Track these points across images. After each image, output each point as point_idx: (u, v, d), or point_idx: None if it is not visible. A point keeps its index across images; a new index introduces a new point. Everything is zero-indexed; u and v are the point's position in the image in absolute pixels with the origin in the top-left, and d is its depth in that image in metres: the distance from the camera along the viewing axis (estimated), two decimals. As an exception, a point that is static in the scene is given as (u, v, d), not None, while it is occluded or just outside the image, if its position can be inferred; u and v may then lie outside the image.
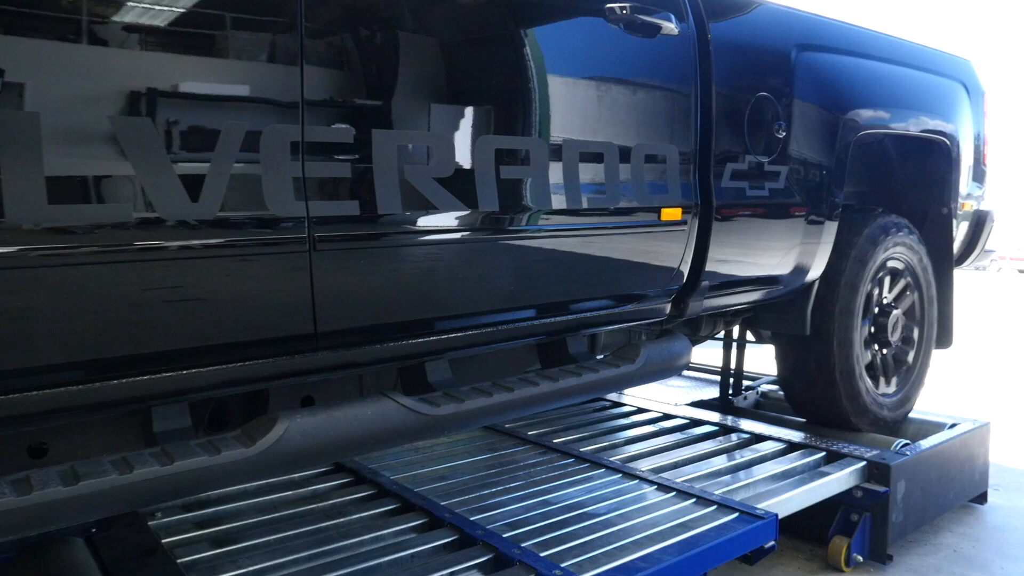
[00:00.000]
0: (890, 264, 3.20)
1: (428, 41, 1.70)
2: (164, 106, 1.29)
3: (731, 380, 3.82)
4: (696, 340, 3.65)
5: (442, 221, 1.67)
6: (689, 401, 3.77)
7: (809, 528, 2.87)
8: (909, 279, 3.30)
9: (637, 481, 2.59)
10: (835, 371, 2.96)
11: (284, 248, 1.43)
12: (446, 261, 1.72)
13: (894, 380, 3.30)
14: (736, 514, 2.30)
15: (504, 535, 2.12)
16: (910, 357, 3.37)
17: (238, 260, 1.40)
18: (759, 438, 3.13)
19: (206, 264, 1.35)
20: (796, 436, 3.08)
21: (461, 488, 2.52)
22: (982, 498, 3.43)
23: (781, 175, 2.55)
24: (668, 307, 2.37)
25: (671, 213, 2.15)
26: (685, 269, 2.30)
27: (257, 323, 1.45)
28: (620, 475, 2.65)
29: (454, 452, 2.93)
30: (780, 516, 2.50)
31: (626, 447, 3.04)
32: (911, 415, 3.50)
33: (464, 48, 1.78)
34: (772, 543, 2.27)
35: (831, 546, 2.79)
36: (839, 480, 2.73)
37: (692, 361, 4.59)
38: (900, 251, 3.20)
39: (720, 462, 2.85)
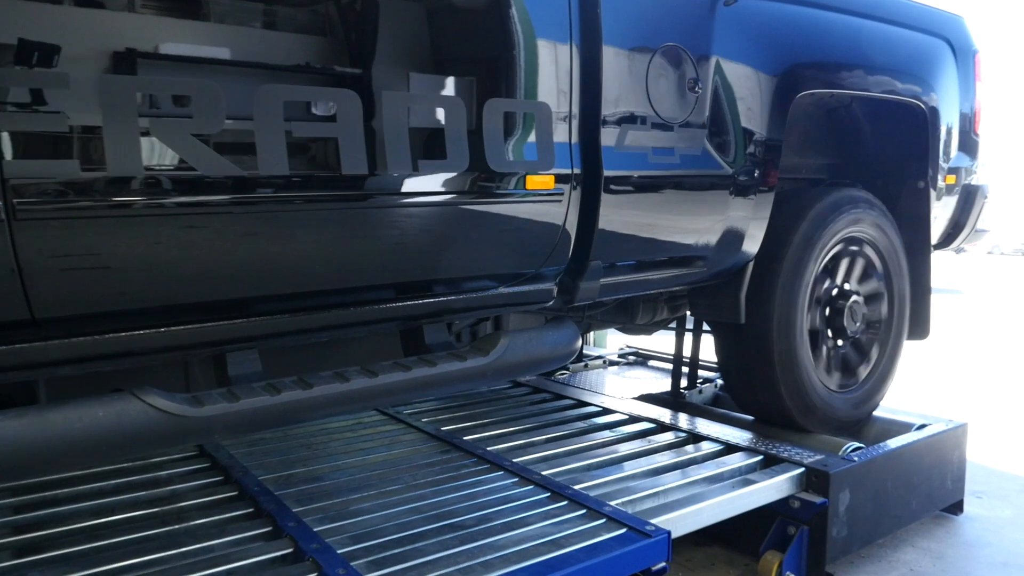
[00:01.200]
0: (848, 244, 2.83)
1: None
2: None
3: (691, 372, 3.50)
4: (641, 329, 3.33)
5: (204, 186, 1.39)
6: (639, 394, 3.46)
7: (748, 539, 2.55)
8: (873, 261, 2.93)
9: (532, 487, 2.30)
10: (775, 365, 2.62)
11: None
12: (210, 235, 1.45)
13: (855, 375, 2.94)
14: (623, 529, 2.00)
15: (342, 550, 1.86)
16: (874, 349, 2.99)
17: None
18: (697, 438, 2.81)
19: None
20: (738, 437, 2.75)
21: (330, 491, 2.27)
22: (957, 508, 3.05)
23: (697, 140, 2.21)
24: (554, 290, 2.06)
25: (539, 181, 1.84)
26: (567, 247, 1.99)
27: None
28: (516, 479, 2.37)
29: (349, 449, 2.67)
30: (688, 531, 2.20)
31: (545, 446, 2.75)
32: (877, 414, 3.13)
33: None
34: (662, 564, 1.97)
35: (762, 562, 2.47)
36: (768, 489, 2.41)
37: (658, 351, 4.33)
38: (861, 229, 2.82)
39: (641, 465, 2.55)
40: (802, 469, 2.49)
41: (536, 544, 1.91)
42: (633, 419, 3.06)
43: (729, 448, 2.70)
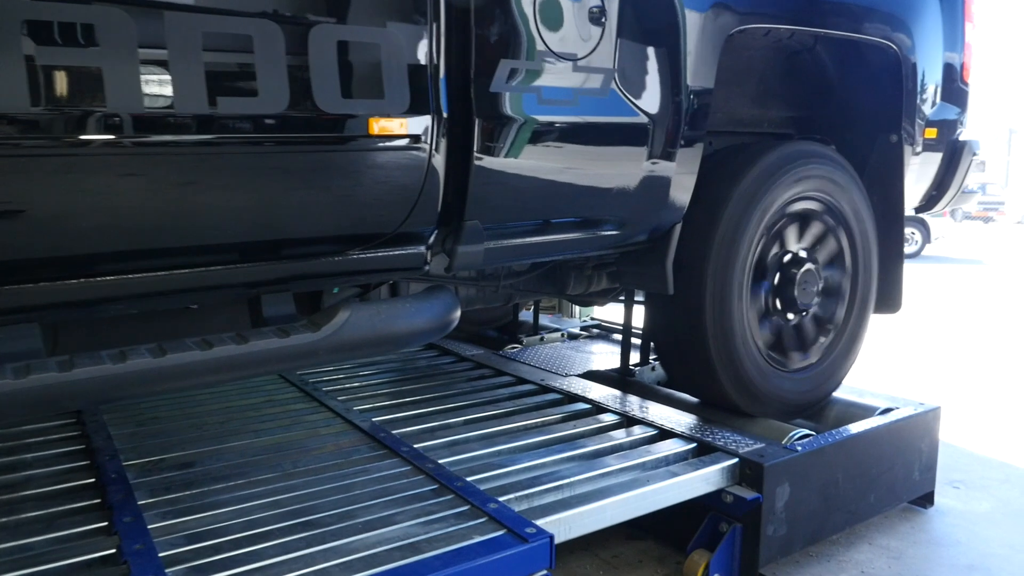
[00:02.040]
0: (800, 205, 2.50)
1: None
2: None
3: (643, 347, 3.21)
4: (581, 300, 3.05)
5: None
6: (585, 371, 3.18)
7: (686, 533, 2.28)
8: (831, 224, 2.60)
9: (422, 477, 2.06)
10: (709, 341, 2.33)
11: None
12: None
13: (810, 353, 2.63)
14: (502, 531, 1.75)
15: (168, 552, 1.64)
16: (833, 324, 2.68)
17: None
18: (631, 422, 2.54)
19: None
20: (675, 422, 2.48)
21: (196, 479, 2.04)
22: (927, 500, 2.75)
23: (602, 81, 1.90)
24: (426, 255, 1.79)
25: (388, 127, 1.55)
26: (433, 205, 1.71)
27: None
28: (408, 468, 2.12)
29: (242, 430, 2.45)
30: (586, 531, 1.94)
31: (461, 428, 2.50)
32: (842, 396, 2.83)
33: None
34: (544, 573, 1.71)
35: (688, 562, 2.21)
36: (692, 482, 2.13)
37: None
38: (817, 188, 2.50)
39: (560, 452, 2.28)
40: (735, 460, 2.21)
41: (392, 548, 1.66)
42: (570, 398, 2.79)
43: (663, 434, 2.42)
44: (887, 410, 2.66)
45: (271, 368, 1.58)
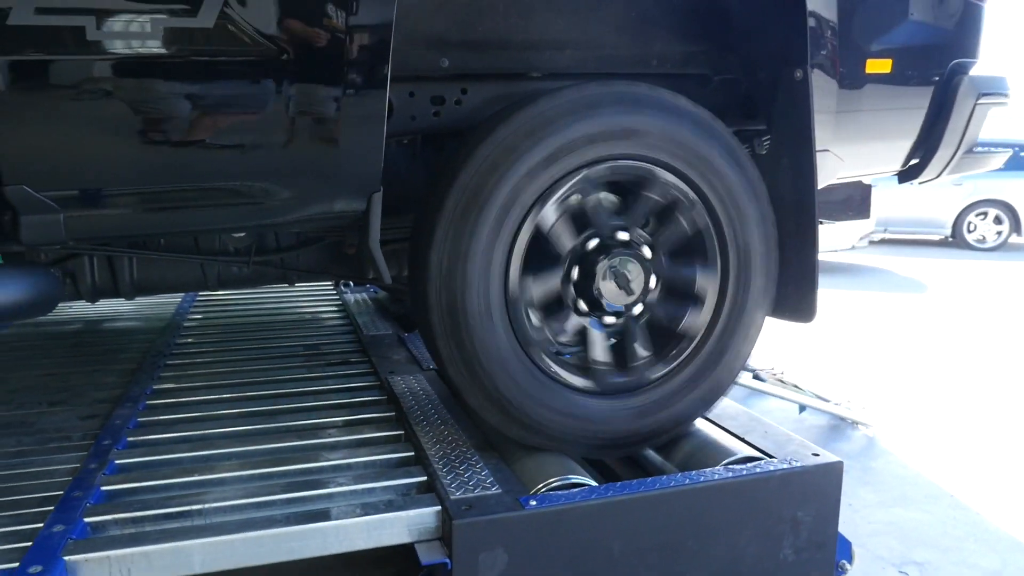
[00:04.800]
0: (611, 171, 1.81)
1: None
2: None
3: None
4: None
5: None
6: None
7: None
8: (676, 198, 1.87)
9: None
10: (438, 344, 1.78)
11: None
12: None
13: (637, 371, 1.94)
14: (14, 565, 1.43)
15: None
16: (680, 333, 1.95)
17: None
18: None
19: None
20: (442, 443, 1.97)
21: None
22: (824, 589, 1.96)
23: (204, 3, 1.44)
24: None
25: None
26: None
27: None
28: None
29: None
30: None
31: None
32: (712, 432, 2.09)
33: None
34: (39, 625, 1.38)
35: (381, 626, 1.74)
36: (352, 529, 1.64)
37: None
38: (635, 148, 1.79)
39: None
40: (438, 508, 1.67)
41: None
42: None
43: (406, 461, 1.93)
44: (749, 459, 1.91)
45: None
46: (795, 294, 2.02)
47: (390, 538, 1.66)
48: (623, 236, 1.86)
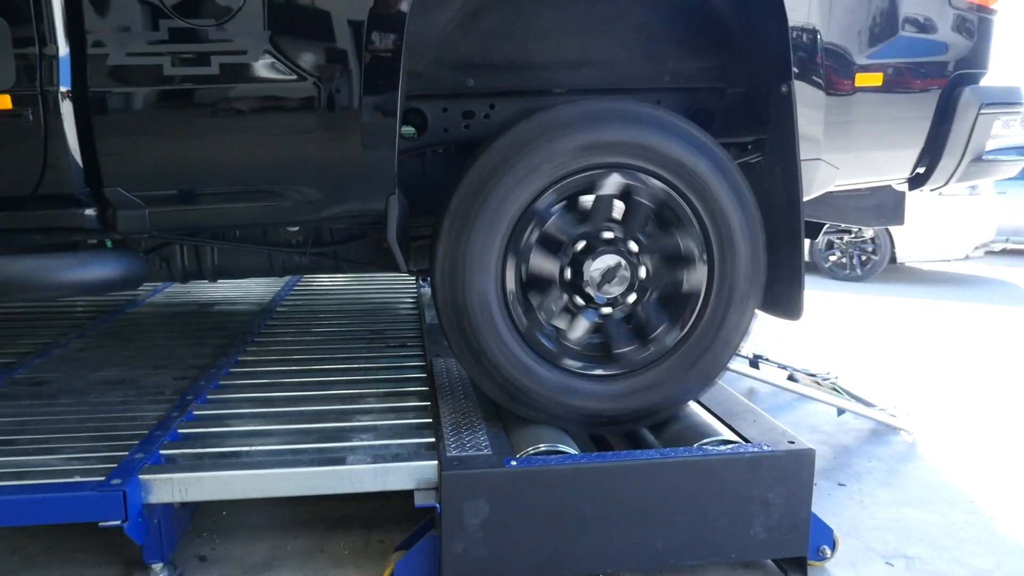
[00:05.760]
0: (600, 178, 2.03)
1: None
2: None
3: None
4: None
5: None
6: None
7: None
8: (665, 201, 2.07)
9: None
10: (443, 323, 2.07)
11: None
12: None
13: (620, 357, 2.14)
14: (99, 479, 1.87)
15: None
16: (665, 325, 2.13)
17: None
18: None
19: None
20: (455, 411, 2.27)
21: None
22: (797, 566, 2.10)
23: (248, 45, 1.82)
24: (91, 216, 1.93)
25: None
26: (64, 173, 1.85)
27: None
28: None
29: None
30: (207, 498, 1.96)
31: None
32: (701, 415, 2.25)
33: None
34: (120, 522, 1.80)
35: (389, 559, 2.05)
36: (365, 475, 1.97)
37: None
38: (621, 158, 2.00)
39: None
40: (435, 462, 1.97)
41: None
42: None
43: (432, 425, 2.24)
44: (726, 442, 2.08)
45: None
46: (784, 293, 2.16)
47: (394, 484, 1.98)
48: (608, 235, 2.07)
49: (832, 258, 8.13)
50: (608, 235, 2.07)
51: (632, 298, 2.11)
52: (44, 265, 1.94)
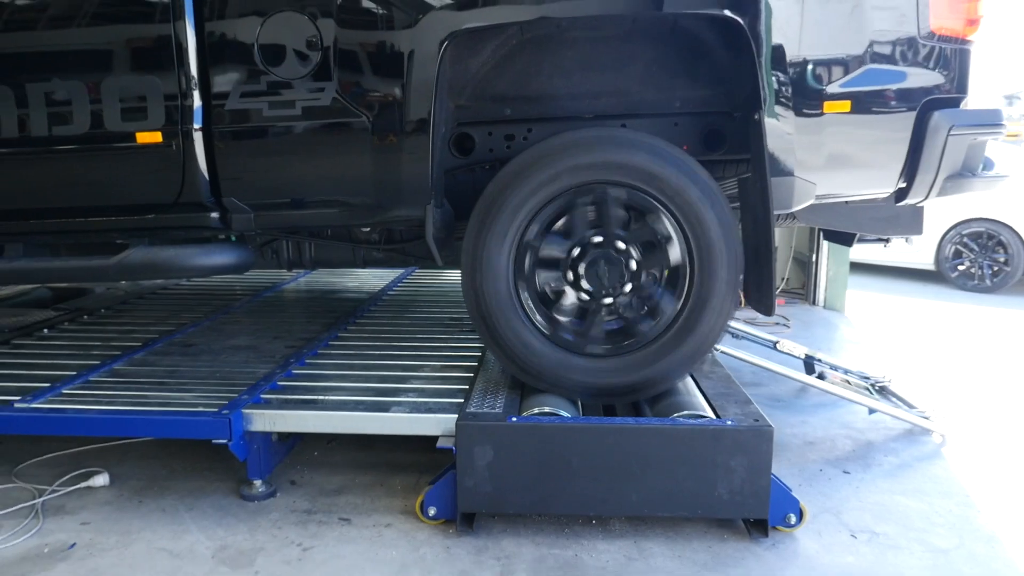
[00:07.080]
0: (590, 192, 2.46)
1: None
2: None
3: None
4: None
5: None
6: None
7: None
8: (653, 209, 2.46)
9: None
10: (472, 308, 2.58)
11: None
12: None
13: (617, 339, 2.56)
14: (213, 410, 2.57)
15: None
16: (654, 314, 2.52)
17: None
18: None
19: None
20: (488, 381, 2.80)
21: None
22: (759, 528, 2.42)
23: (321, 93, 2.45)
24: (215, 217, 2.65)
25: (148, 136, 2.50)
26: (196, 187, 2.57)
27: None
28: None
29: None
30: (289, 430, 2.60)
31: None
32: (694, 391, 2.61)
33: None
34: (225, 441, 2.49)
35: (423, 490, 2.61)
36: (412, 422, 2.56)
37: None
38: (611, 175, 2.43)
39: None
40: (455, 415, 2.50)
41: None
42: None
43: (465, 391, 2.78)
44: (700, 416, 2.44)
45: (83, 277, 2.72)
46: (759, 291, 2.50)
47: (424, 430, 2.54)
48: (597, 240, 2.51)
49: (960, 267, 7.80)
50: (597, 239, 2.52)
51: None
52: (182, 253, 2.69)
